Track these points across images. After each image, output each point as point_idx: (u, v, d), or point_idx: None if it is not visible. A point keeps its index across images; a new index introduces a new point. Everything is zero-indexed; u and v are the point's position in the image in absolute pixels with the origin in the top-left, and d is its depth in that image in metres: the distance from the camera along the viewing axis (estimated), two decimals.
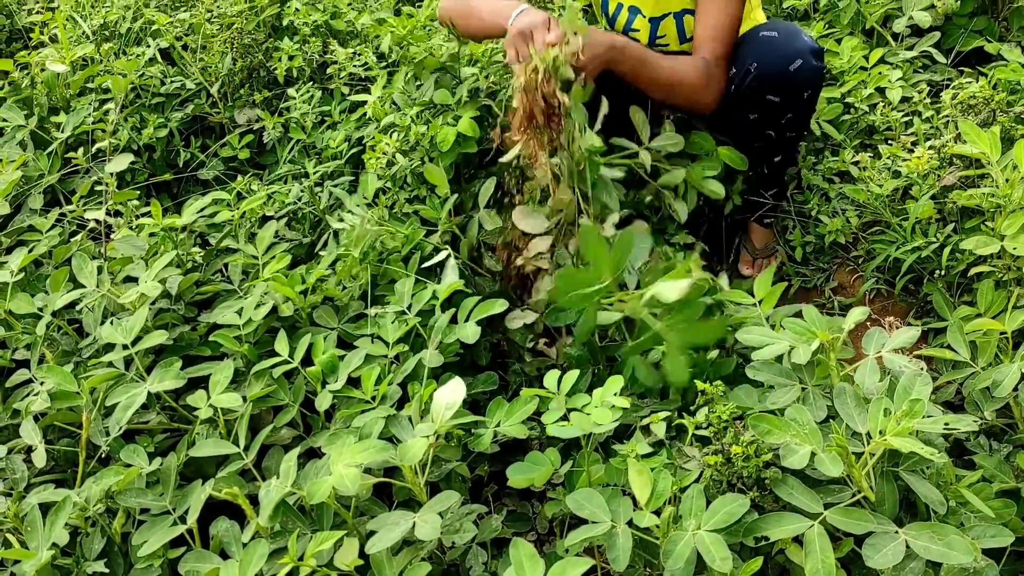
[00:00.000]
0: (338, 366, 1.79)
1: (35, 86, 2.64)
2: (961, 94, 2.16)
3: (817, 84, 1.97)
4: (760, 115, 2.00)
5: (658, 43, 2.13)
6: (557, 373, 1.57)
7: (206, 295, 2.08)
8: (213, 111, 2.71)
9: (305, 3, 2.78)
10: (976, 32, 2.59)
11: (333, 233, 2.24)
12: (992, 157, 1.79)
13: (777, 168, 2.13)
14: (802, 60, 1.90)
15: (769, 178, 2.16)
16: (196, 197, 2.47)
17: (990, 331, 1.66)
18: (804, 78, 1.92)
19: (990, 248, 1.77)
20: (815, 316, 1.56)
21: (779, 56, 1.89)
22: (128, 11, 2.82)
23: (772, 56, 1.90)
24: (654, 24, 2.09)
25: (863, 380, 1.47)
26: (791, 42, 1.92)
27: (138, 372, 1.78)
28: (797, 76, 1.91)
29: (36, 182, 2.45)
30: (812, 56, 1.92)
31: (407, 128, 2.16)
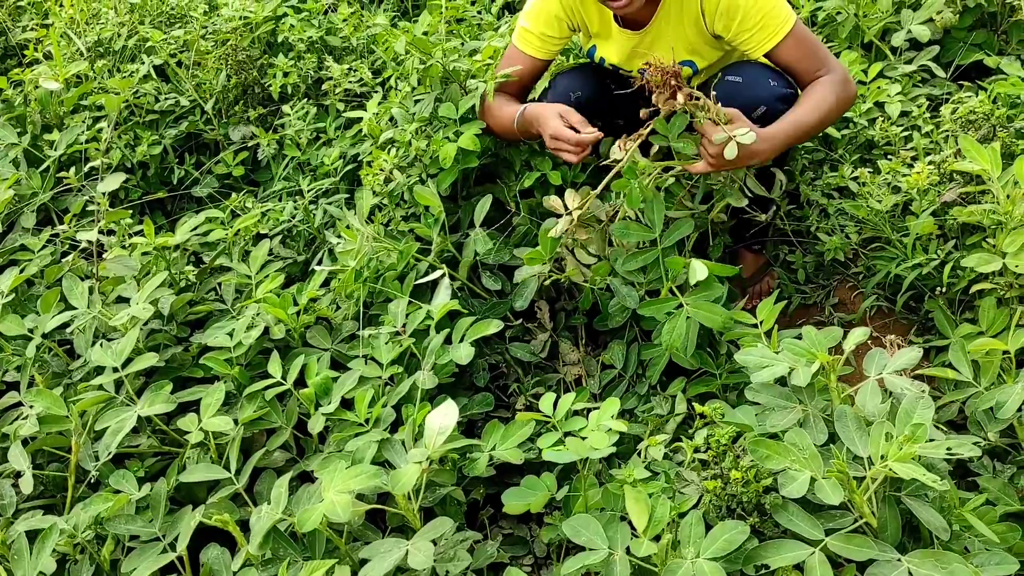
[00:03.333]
0: (331, 388, 1.77)
1: (28, 104, 2.62)
2: (961, 109, 2.14)
3: None
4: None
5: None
6: (552, 396, 1.55)
7: (199, 315, 2.05)
8: (207, 128, 2.69)
9: (300, 19, 2.76)
10: (975, 45, 2.57)
11: (328, 250, 2.23)
12: (993, 173, 1.77)
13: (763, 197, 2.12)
14: (766, 107, 1.90)
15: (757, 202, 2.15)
16: (190, 214, 2.45)
17: (993, 351, 1.64)
18: (768, 123, 1.91)
19: (992, 266, 1.75)
20: (815, 337, 1.54)
21: (742, 102, 1.88)
22: (123, 28, 2.80)
23: (735, 102, 1.88)
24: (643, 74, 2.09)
25: (864, 403, 1.45)
26: (754, 89, 1.93)
27: (128, 395, 1.75)
28: (761, 123, 1.90)
29: (29, 201, 2.43)
30: (777, 101, 1.91)
31: (407, 144, 2.14)
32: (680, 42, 2.01)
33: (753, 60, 2.00)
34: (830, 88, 1.92)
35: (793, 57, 1.94)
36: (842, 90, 1.92)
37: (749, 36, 1.92)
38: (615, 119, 2.14)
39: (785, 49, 1.93)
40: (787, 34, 1.91)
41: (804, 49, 1.94)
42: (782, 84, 1.94)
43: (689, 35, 2.00)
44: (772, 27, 1.90)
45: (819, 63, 1.94)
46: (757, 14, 1.89)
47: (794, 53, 1.93)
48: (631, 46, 2.06)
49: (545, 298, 2.12)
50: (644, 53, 2.06)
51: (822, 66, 1.94)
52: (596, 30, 2.09)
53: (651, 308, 1.82)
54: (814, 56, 1.94)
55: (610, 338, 2.07)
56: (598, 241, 1.99)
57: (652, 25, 2.00)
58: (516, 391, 2.05)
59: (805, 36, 1.94)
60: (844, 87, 1.92)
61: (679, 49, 2.02)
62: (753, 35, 1.92)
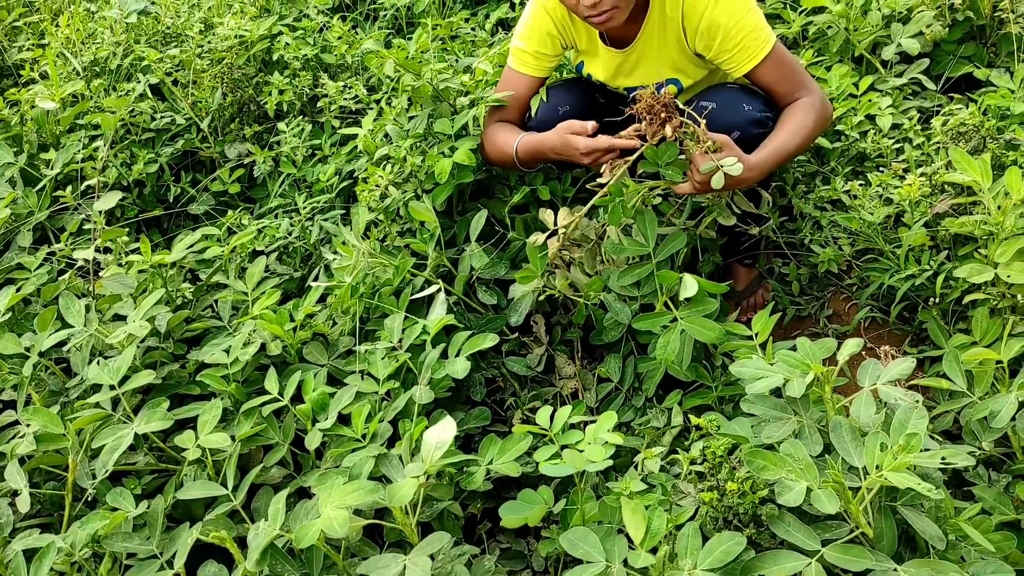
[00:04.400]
0: (328, 404, 1.77)
1: (25, 123, 2.63)
2: (951, 121, 2.16)
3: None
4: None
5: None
6: (549, 409, 1.55)
7: (196, 332, 2.06)
8: (203, 146, 2.70)
9: (295, 38, 2.78)
10: (965, 58, 2.59)
11: (324, 266, 2.23)
12: (983, 185, 1.79)
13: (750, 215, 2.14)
14: (740, 132, 1.92)
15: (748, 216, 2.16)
16: (186, 232, 2.45)
17: (986, 360, 1.64)
18: (743, 148, 1.92)
19: (984, 276, 1.76)
20: (809, 348, 1.55)
21: (715, 128, 1.89)
22: (118, 47, 2.82)
23: (709, 128, 1.91)
24: (629, 92, 2.11)
25: (859, 413, 1.45)
26: (727, 114, 1.94)
27: (125, 413, 1.75)
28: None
29: (25, 220, 2.43)
30: (751, 125, 1.94)
31: (402, 160, 2.15)
32: (664, 61, 2.03)
33: (728, 84, 2.03)
34: (809, 111, 1.95)
35: (772, 78, 1.97)
36: (820, 112, 1.96)
37: (729, 56, 1.95)
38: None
39: (765, 70, 1.96)
40: (767, 55, 1.94)
41: (783, 71, 1.97)
42: (756, 108, 1.96)
43: (673, 54, 2.02)
44: (752, 48, 1.93)
45: (797, 85, 1.98)
46: (737, 35, 1.91)
47: (773, 74, 1.96)
48: (616, 64, 2.08)
49: (540, 312, 2.13)
50: (629, 71, 2.08)
51: (800, 87, 1.98)
52: (584, 47, 2.12)
53: (645, 322, 1.83)
54: (792, 77, 1.98)
55: (606, 351, 2.08)
56: (588, 260, 2.01)
57: (636, 43, 2.02)
58: (513, 405, 2.06)
59: (784, 57, 1.98)
60: (822, 108, 1.97)
61: (664, 68, 2.04)
62: (733, 55, 1.94)
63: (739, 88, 2.00)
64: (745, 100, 1.96)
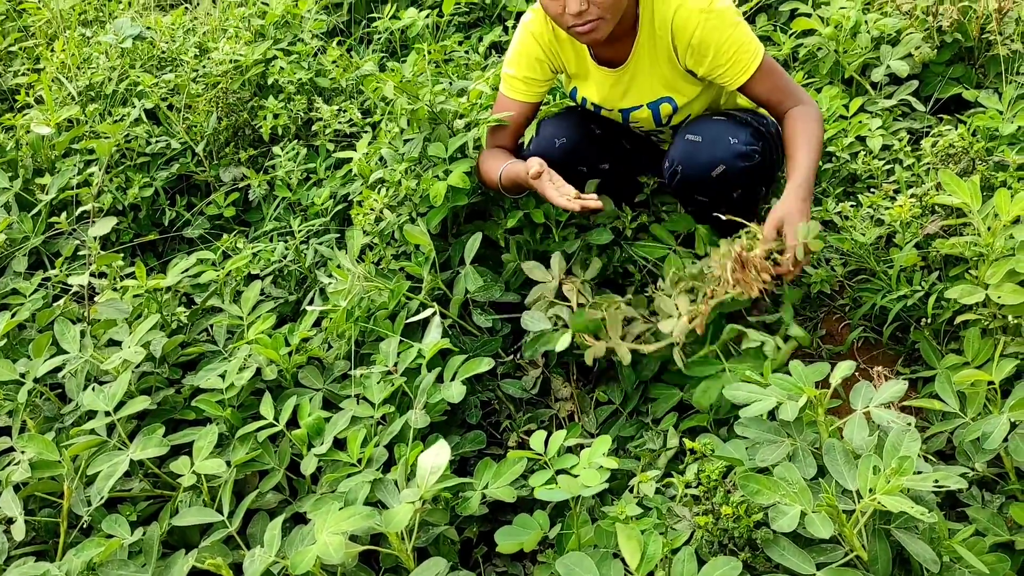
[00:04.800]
0: (324, 428, 1.77)
1: (20, 148, 2.64)
2: (941, 142, 2.18)
3: (747, 182, 2.00)
4: (699, 205, 2.08)
5: (632, 127, 2.17)
6: (544, 434, 1.55)
7: (191, 356, 2.06)
8: (199, 170, 2.71)
9: (290, 62, 2.80)
10: (954, 79, 2.62)
11: (320, 290, 2.24)
12: (973, 206, 1.81)
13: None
14: (725, 166, 1.93)
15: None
16: (182, 256, 2.46)
17: (978, 382, 1.65)
18: (729, 181, 1.95)
19: (975, 297, 1.77)
20: (802, 371, 1.56)
21: (701, 162, 1.92)
22: (114, 72, 2.83)
23: (694, 162, 1.93)
24: (624, 114, 2.14)
25: (852, 436, 1.46)
26: (713, 149, 1.95)
27: (121, 439, 1.75)
28: (719, 181, 1.95)
29: (20, 245, 2.44)
30: (738, 159, 1.94)
31: (396, 183, 2.16)
32: (657, 79, 2.05)
33: (715, 116, 2.04)
34: (810, 120, 1.96)
35: (766, 89, 1.98)
36: (819, 118, 1.98)
37: (723, 72, 1.96)
38: (600, 164, 2.17)
39: (758, 82, 1.97)
40: (758, 67, 1.95)
41: (775, 81, 1.98)
42: (742, 141, 1.96)
43: (665, 71, 2.03)
44: (744, 61, 1.95)
45: (790, 95, 1.99)
46: (729, 50, 1.93)
47: (767, 85, 1.98)
48: (610, 84, 2.09)
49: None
50: (624, 91, 2.09)
51: (793, 97, 1.99)
52: (574, 71, 2.13)
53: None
54: (785, 87, 1.99)
55: (602, 379, 2.09)
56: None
57: (629, 63, 2.03)
58: (508, 428, 2.06)
59: (774, 68, 2.00)
60: (819, 114, 1.99)
61: (657, 86, 2.06)
62: (727, 70, 1.96)
63: (725, 120, 2.01)
64: (731, 133, 1.97)
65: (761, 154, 1.98)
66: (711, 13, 1.90)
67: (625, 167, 2.20)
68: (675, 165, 1.99)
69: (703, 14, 1.90)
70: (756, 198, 2.10)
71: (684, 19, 1.92)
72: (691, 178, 1.99)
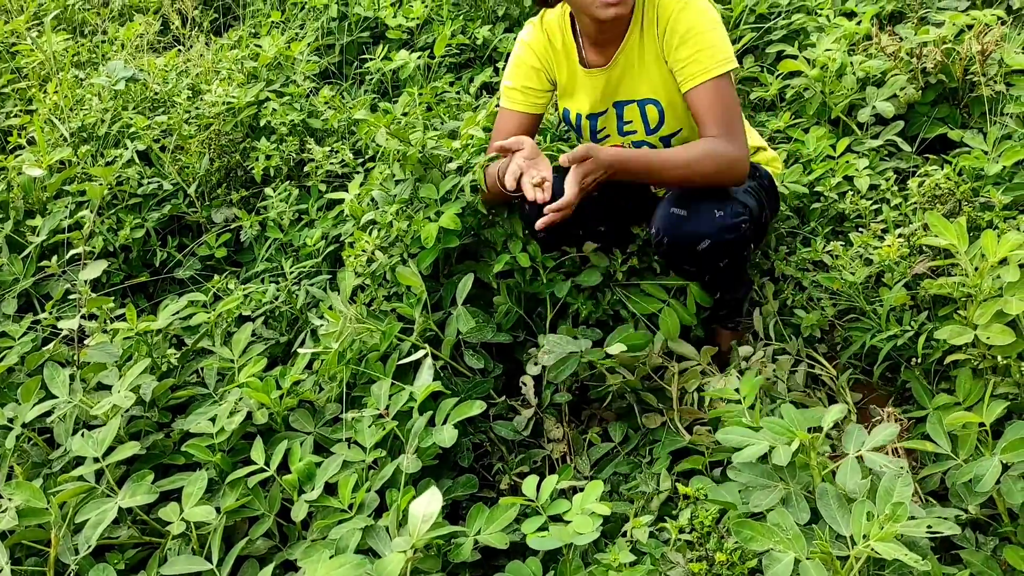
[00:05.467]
0: (315, 473, 1.76)
1: (11, 189, 2.64)
2: (927, 182, 2.20)
3: (734, 252, 1.98)
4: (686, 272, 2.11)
5: (625, 130, 2.17)
6: (536, 479, 1.55)
7: (181, 399, 2.05)
8: (190, 211, 2.72)
9: (282, 103, 2.82)
10: (939, 119, 2.66)
11: (311, 331, 2.23)
12: (960, 248, 1.82)
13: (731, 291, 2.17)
14: (710, 240, 1.92)
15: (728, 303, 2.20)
16: (173, 297, 2.46)
17: (969, 423, 1.66)
18: (715, 254, 1.94)
19: (964, 338, 1.78)
20: (794, 415, 1.56)
21: (686, 236, 1.92)
22: (106, 114, 2.84)
23: (679, 235, 1.93)
24: (619, 111, 2.14)
25: (845, 480, 1.46)
26: (698, 224, 1.92)
27: (109, 485, 1.74)
28: (705, 255, 1.95)
29: (10, 287, 2.43)
30: (724, 232, 1.91)
31: (387, 225, 2.17)
32: (644, 78, 2.06)
33: (704, 190, 1.96)
34: (711, 153, 1.90)
35: (708, 104, 1.93)
36: (719, 161, 1.90)
37: (683, 66, 1.95)
38: (598, 226, 2.18)
39: (705, 94, 1.93)
40: (716, 77, 1.92)
41: (722, 103, 1.93)
42: (729, 214, 1.92)
43: (652, 71, 2.04)
44: (705, 63, 1.92)
45: (725, 126, 1.92)
46: (696, 43, 1.92)
47: (711, 100, 1.93)
48: (602, 85, 2.10)
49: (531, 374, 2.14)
50: (614, 90, 2.10)
51: (725, 130, 1.92)
52: (565, 80, 2.15)
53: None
54: (725, 116, 1.93)
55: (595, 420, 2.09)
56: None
57: (618, 56, 2.05)
58: (501, 470, 2.05)
59: (729, 94, 1.94)
60: (726, 161, 1.91)
61: (644, 85, 2.07)
62: (686, 65, 1.94)
63: (712, 195, 1.96)
64: (717, 206, 1.92)
65: (750, 219, 1.96)
66: (689, 3, 1.93)
67: (622, 227, 2.21)
68: (661, 236, 1.97)
69: (683, 2, 1.93)
70: (746, 259, 2.09)
71: (668, 3, 1.95)
72: (677, 250, 1.98)
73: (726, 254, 1.97)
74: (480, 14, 3.57)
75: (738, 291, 2.18)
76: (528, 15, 3.52)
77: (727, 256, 1.98)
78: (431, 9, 3.59)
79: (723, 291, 2.14)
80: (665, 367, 2.09)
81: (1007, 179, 2.27)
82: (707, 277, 2.09)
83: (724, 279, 2.09)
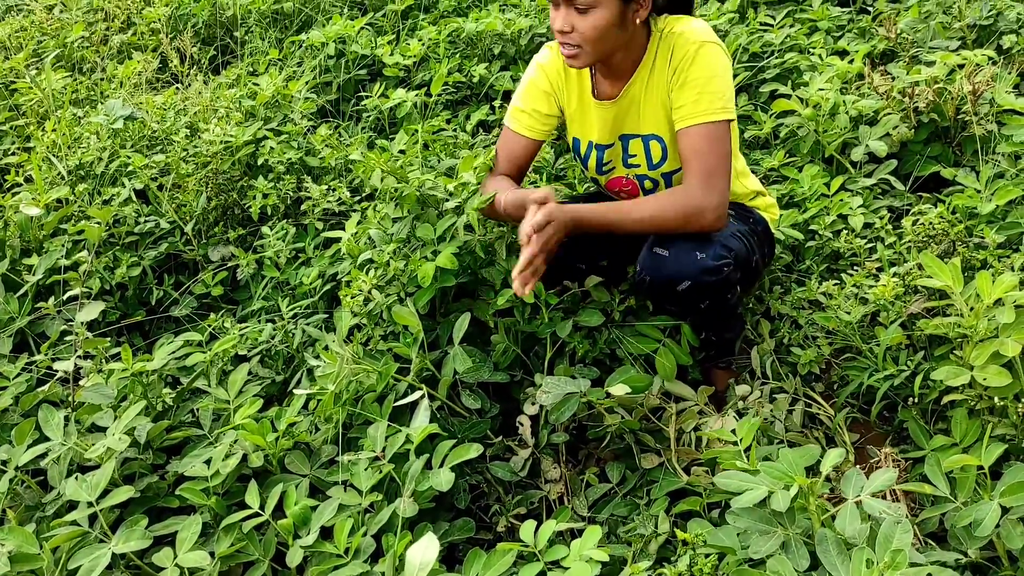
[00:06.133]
0: (310, 518, 1.75)
1: (8, 228, 2.64)
2: (921, 222, 2.22)
3: (715, 294, 1.98)
4: (669, 312, 2.13)
5: (630, 163, 2.18)
6: (533, 524, 1.54)
7: (176, 440, 2.04)
8: (187, 249, 2.72)
9: (280, 142, 2.83)
10: (932, 158, 2.68)
11: (307, 371, 2.23)
12: (955, 288, 1.83)
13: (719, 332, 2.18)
14: (690, 281, 1.92)
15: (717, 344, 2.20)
16: (168, 336, 2.45)
17: (967, 466, 1.65)
18: (695, 295, 1.95)
19: (960, 379, 1.79)
20: (791, 458, 1.55)
21: (667, 276, 1.92)
22: (104, 152, 2.85)
23: (661, 275, 1.93)
24: (624, 144, 2.15)
25: (844, 526, 1.45)
26: (679, 264, 1.92)
27: (103, 530, 1.72)
28: (686, 296, 1.95)
29: (5, 326, 2.43)
30: (704, 274, 1.91)
31: (384, 264, 2.17)
32: (651, 114, 2.06)
33: (687, 233, 1.95)
34: (679, 202, 1.91)
35: (694, 148, 1.92)
36: (685, 210, 1.90)
37: (681, 105, 1.95)
38: (600, 260, 2.19)
39: (696, 138, 1.92)
40: (711, 123, 1.91)
41: (709, 150, 1.91)
42: (711, 255, 1.91)
43: (658, 108, 2.04)
44: (704, 106, 1.92)
45: (707, 175, 1.91)
46: (700, 86, 1.92)
47: (699, 146, 1.92)
48: (611, 116, 2.11)
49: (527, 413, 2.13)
50: (622, 122, 2.11)
51: (703, 179, 1.91)
52: (575, 109, 2.16)
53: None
54: (707, 166, 1.91)
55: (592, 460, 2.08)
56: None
57: (627, 89, 2.05)
58: (498, 511, 2.03)
59: (719, 142, 1.92)
60: (696, 212, 1.90)
61: (650, 121, 2.08)
62: (684, 105, 1.94)
63: (695, 236, 1.95)
64: (699, 248, 1.92)
65: (731, 265, 1.95)
66: (704, 46, 1.93)
67: (623, 260, 2.22)
68: (643, 275, 1.98)
69: (698, 44, 1.93)
70: (734, 300, 2.07)
71: (684, 40, 1.95)
72: (657, 290, 1.99)
73: (707, 296, 1.97)
74: (476, 52, 3.61)
75: (727, 332, 2.17)
76: (523, 54, 3.56)
77: (708, 298, 1.98)
78: (428, 47, 3.63)
79: (711, 331, 2.14)
80: (663, 407, 2.09)
81: (1000, 217, 2.28)
82: (689, 318, 2.10)
83: (709, 320, 2.09)
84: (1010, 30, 3.00)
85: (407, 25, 3.98)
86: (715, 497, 1.87)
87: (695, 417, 2.04)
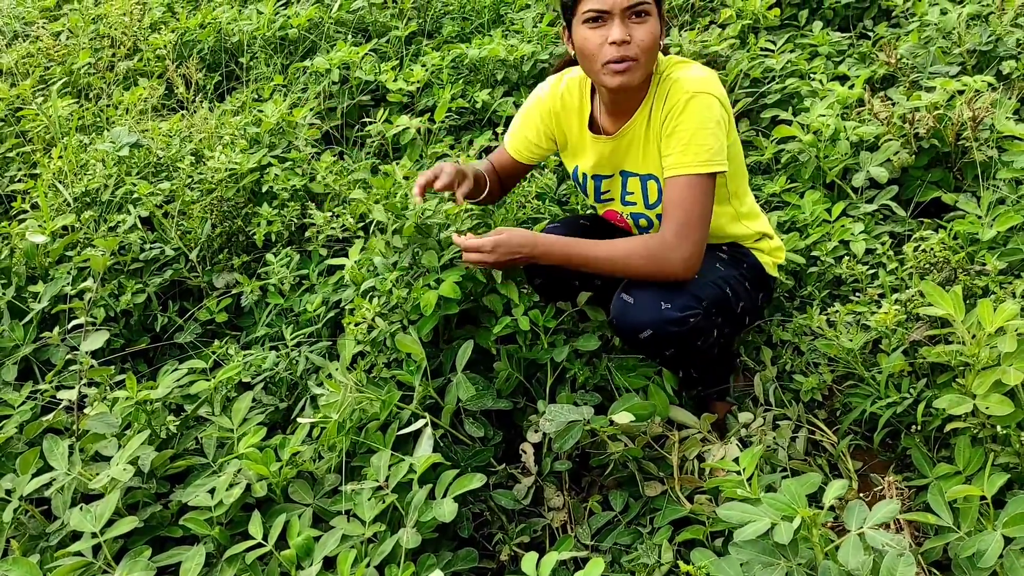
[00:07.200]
0: (313, 548, 1.74)
1: (13, 255, 2.66)
2: (923, 247, 2.22)
3: (680, 343, 1.96)
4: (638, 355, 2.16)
5: (627, 199, 2.19)
6: (535, 556, 1.54)
7: (179, 468, 2.04)
8: (191, 276, 2.73)
9: (284, 169, 2.85)
10: (933, 183, 2.69)
11: (311, 398, 2.23)
12: (957, 316, 1.83)
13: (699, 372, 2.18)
14: (652, 330, 1.92)
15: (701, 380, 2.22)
16: (172, 362, 2.46)
17: (970, 496, 1.65)
18: (658, 343, 1.95)
19: (963, 408, 1.79)
20: (794, 489, 1.55)
21: (630, 323, 1.93)
22: (110, 179, 2.88)
23: (625, 320, 1.94)
24: (623, 180, 2.16)
25: (847, 559, 1.45)
26: (642, 313, 1.92)
27: (106, 560, 1.72)
28: (648, 343, 1.96)
29: (10, 353, 2.44)
30: (667, 324, 1.91)
31: (387, 292, 2.18)
32: (648, 155, 2.07)
33: (654, 283, 1.96)
34: (648, 246, 1.92)
35: (674, 198, 1.92)
36: (653, 259, 1.91)
37: (667, 154, 1.95)
38: (595, 279, 2.20)
39: (679, 189, 1.91)
40: (695, 175, 1.90)
41: (690, 202, 1.91)
42: (676, 307, 1.91)
43: (654, 151, 2.04)
44: (691, 157, 1.91)
45: (682, 226, 1.91)
46: (689, 138, 1.90)
47: (680, 196, 1.91)
48: (609, 151, 2.12)
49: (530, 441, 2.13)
50: (621, 158, 2.12)
51: (680, 232, 1.91)
52: (574, 141, 2.18)
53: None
54: (686, 216, 1.91)
55: (595, 487, 2.08)
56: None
57: (627, 128, 2.06)
58: (501, 540, 2.03)
59: (700, 194, 1.91)
60: (662, 261, 1.91)
61: (646, 162, 2.08)
62: (672, 154, 1.93)
63: (661, 286, 1.95)
64: (664, 298, 1.92)
65: (703, 313, 1.94)
66: (696, 96, 1.91)
67: (617, 281, 2.23)
68: (611, 318, 1.99)
69: (689, 94, 1.91)
70: (707, 345, 2.04)
71: (678, 88, 1.94)
72: (623, 334, 1.99)
73: (671, 345, 1.95)
74: (479, 78, 3.64)
75: (710, 370, 2.18)
76: (526, 80, 3.58)
77: (672, 347, 1.96)
78: (431, 73, 3.66)
79: (691, 370, 2.15)
80: (665, 435, 2.09)
81: (1001, 243, 2.29)
82: (658, 361, 2.11)
83: (679, 363, 2.09)
84: (1010, 55, 3.02)
85: (410, 51, 4.01)
86: (719, 526, 1.87)
87: (698, 445, 2.04)
